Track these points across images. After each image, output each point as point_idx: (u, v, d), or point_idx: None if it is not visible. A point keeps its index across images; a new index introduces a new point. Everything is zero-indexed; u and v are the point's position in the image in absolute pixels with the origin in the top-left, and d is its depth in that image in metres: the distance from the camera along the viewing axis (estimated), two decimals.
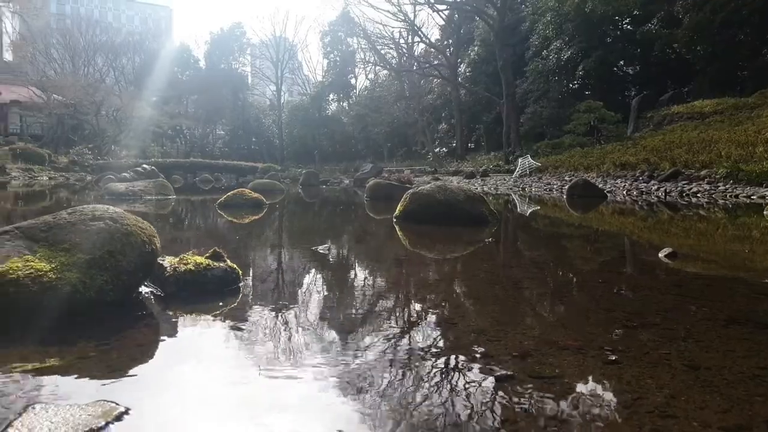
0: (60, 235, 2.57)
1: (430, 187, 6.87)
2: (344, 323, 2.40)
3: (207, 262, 2.98)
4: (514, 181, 21.57)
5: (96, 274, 2.43)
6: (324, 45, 54.41)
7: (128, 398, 1.53)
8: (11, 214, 8.95)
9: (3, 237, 2.54)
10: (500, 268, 4.00)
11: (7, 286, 2.23)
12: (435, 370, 1.79)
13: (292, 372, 1.76)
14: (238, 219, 7.63)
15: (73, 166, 30.33)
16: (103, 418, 1.40)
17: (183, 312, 2.53)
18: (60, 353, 1.96)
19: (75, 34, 48.53)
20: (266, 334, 2.22)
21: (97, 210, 2.74)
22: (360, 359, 1.90)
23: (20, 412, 1.43)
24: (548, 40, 30.03)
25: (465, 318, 2.44)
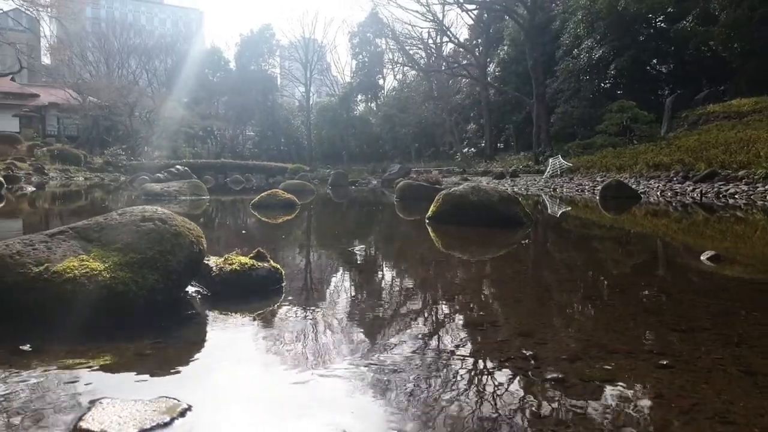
0: (112, 235, 2.65)
1: (463, 188, 6.85)
2: (389, 324, 2.42)
3: (251, 263, 3.03)
4: (544, 182, 21.35)
5: (147, 273, 2.49)
6: (352, 46, 54.59)
7: (188, 395, 1.57)
8: (52, 214, 9.21)
9: (59, 237, 2.63)
10: (539, 270, 3.97)
11: (65, 284, 2.31)
12: (485, 372, 1.80)
13: (343, 371, 1.78)
14: (272, 219, 7.72)
15: (107, 166, 30.99)
16: (167, 414, 1.44)
17: (230, 311, 2.58)
18: (117, 350, 2.02)
19: (109, 38, 49.65)
20: (315, 333, 2.25)
21: (147, 211, 2.81)
22: (407, 360, 1.91)
23: (89, 407, 1.48)
24: (579, 39, 29.60)
25: (509, 320, 2.44)
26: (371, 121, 53.04)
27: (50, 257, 2.44)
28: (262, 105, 51.22)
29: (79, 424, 1.38)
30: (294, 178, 24.89)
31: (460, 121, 43.50)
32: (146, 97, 43.02)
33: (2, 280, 2.31)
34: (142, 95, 42.72)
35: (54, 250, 2.50)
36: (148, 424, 1.39)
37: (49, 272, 2.34)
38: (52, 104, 40.39)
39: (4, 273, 2.32)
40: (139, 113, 41.56)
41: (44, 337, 2.10)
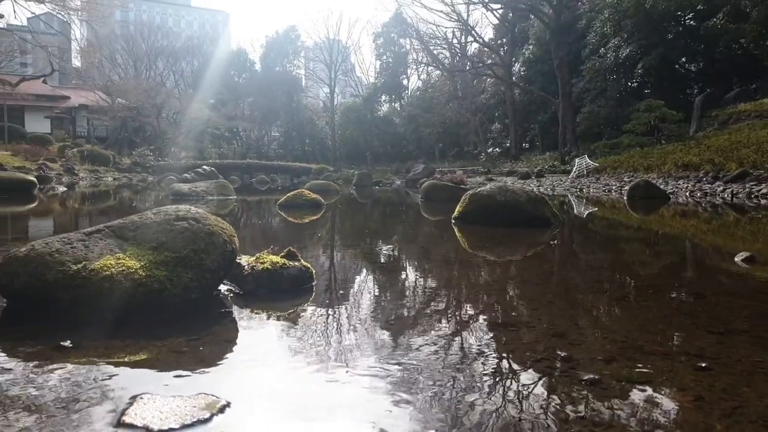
0: (147, 234, 2.70)
1: (490, 188, 6.82)
2: (420, 323, 2.42)
3: (282, 261, 3.06)
4: (571, 182, 21.13)
5: (182, 272, 2.53)
6: (377, 46, 54.68)
7: (226, 392, 1.59)
8: (83, 213, 9.40)
9: (95, 236, 2.68)
10: (569, 271, 3.94)
11: (103, 282, 2.36)
12: (521, 372, 1.79)
13: (378, 370, 1.79)
14: (298, 219, 7.78)
15: (135, 167, 31.49)
16: (207, 410, 1.47)
17: (263, 309, 2.61)
18: (154, 347, 2.06)
19: (138, 40, 50.55)
20: (348, 332, 2.26)
21: (180, 210, 2.86)
22: (441, 359, 1.91)
23: (130, 402, 1.51)
24: (606, 38, 29.22)
25: (542, 321, 2.42)
26: (395, 121, 53.07)
27: (88, 255, 2.49)
28: (287, 106, 51.60)
29: (122, 418, 1.41)
30: (318, 179, 25.05)
31: (485, 121, 43.28)
32: (173, 98, 43.69)
33: (43, 277, 2.36)
34: (170, 96, 43.40)
35: (91, 249, 2.55)
36: (188, 419, 1.41)
37: (87, 270, 2.39)
38: (82, 106, 41.24)
39: (45, 271, 2.38)
40: (167, 114, 42.21)
41: (83, 333, 2.15)
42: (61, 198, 13.23)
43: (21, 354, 1.92)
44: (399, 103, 55.95)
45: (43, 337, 2.12)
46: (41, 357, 1.90)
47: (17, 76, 33.11)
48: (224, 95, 48.48)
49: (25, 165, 22.40)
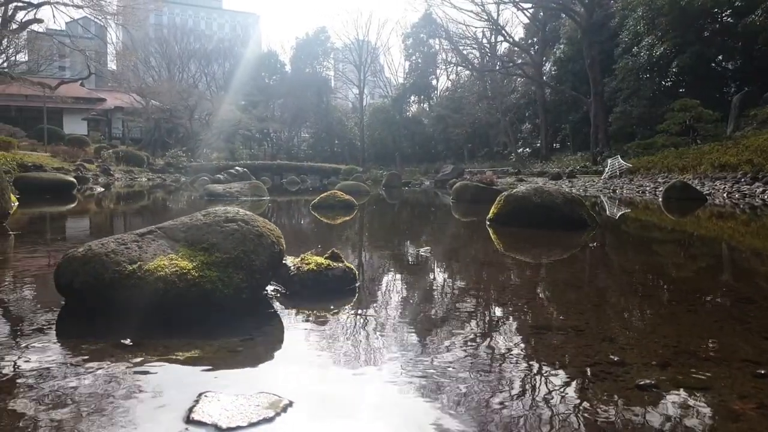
0: (198, 235, 2.76)
1: (525, 189, 6.78)
2: (468, 325, 2.44)
3: (327, 263, 3.10)
4: (603, 183, 20.84)
5: (233, 272, 2.59)
6: (406, 47, 54.65)
7: (286, 391, 1.63)
8: (125, 213, 9.62)
9: (148, 237, 2.76)
10: (612, 274, 3.90)
11: (157, 282, 2.42)
12: (576, 377, 1.79)
13: (432, 371, 1.81)
14: (332, 220, 7.84)
15: (168, 167, 32.06)
16: (271, 409, 1.50)
17: (311, 310, 2.65)
18: (210, 346, 2.11)
19: (171, 43, 51.47)
20: (398, 333, 2.28)
21: (229, 212, 2.92)
22: (492, 361, 1.92)
23: (196, 400, 1.56)
24: (639, 36, 28.71)
25: (590, 325, 2.41)
26: (424, 121, 52.98)
27: (142, 256, 2.57)
28: (317, 107, 51.92)
29: (191, 416, 1.46)
30: (348, 179, 25.18)
31: (515, 121, 42.92)
32: (205, 100, 44.36)
33: (101, 277, 2.44)
34: (202, 98, 44.07)
35: (145, 249, 2.62)
36: (254, 418, 1.45)
37: (142, 270, 2.46)
38: (117, 108, 42.16)
39: (102, 270, 2.46)
40: (199, 116, 42.86)
41: (140, 332, 2.21)
42: (99, 198, 13.56)
43: (85, 351, 1.99)
44: (428, 104, 55.84)
45: (103, 334, 2.19)
46: (105, 354, 1.96)
47: (56, 79, 33.97)
48: (255, 97, 49.02)
49: (63, 166, 22.98)
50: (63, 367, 1.82)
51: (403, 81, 56.75)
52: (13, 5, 24.73)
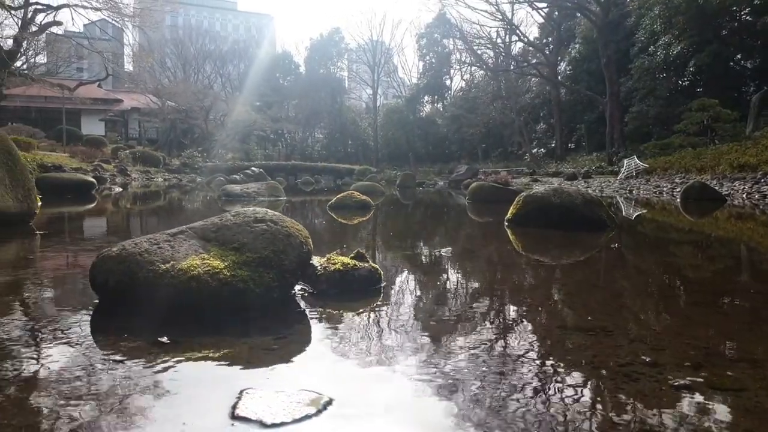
0: (228, 235, 2.81)
1: (544, 190, 6.77)
2: (495, 325, 2.46)
3: (353, 263, 3.13)
4: (619, 183, 20.70)
5: (263, 272, 2.63)
6: (420, 47, 54.69)
7: (325, 388, 1.66)
8: (147, 213, 9.74)
9: (179, 236, 2.81)
10: (635, 275, 3.90)
11: (191, 281, 2.47)
12: (609, 377, 1.80)
13: (465, 371, 1.83)
14: (349, 220, 7.89)
15: (184, 168, 32.35)
16: (313, 406, 1.54)
17: (339, 309, 2.68)
18: (245, 344, 2.15)
19: (186, 44, 51.99)
20: (428, 332, 2.30)
21: (258, 213, 2.97)
22: (522, 362, 1.94)
23: (238, 396, 1.60)
24: (656, 35, 28.48)
25: (618, 326, 2.42)
26: (438, 122, 52.96)
27: (174, 255, 2.62)
28: (331, 107, 52.10)
29: (235, 412, 1.50)
30: (362, 180, 25.27)
31: (530, 121, 42.75)
32: (220, 101, 44.69)
33: (135, 276, 2.50)
34: (217, 99, 44.43)
35: (177, 249, 2.68)
36: (297, 414, 1.48)
37: (175, 269, 2.51)
38: (134, 109, 42.62)
39: (136, 270, 2.51)
40: (214, 116, 43.18)
41: (175, 330, 2.25)
42: (118, 198, 13.72)
43: (124, 348, 2.04)
44: (442, 104, 55.82)
45: (139, 332, 2.23)
46: (144, 351, 2.01)
47: (75, 81, 34.43)
48: (270, 97, 49.32)
49: (81, 166, 23.27)
50: (105, 364, 1.87)
51: (416, 81, 56.80)
52: (32, 8, 25.07)
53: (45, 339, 2.15)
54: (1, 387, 1.66)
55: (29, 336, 2.19)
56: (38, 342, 2.12)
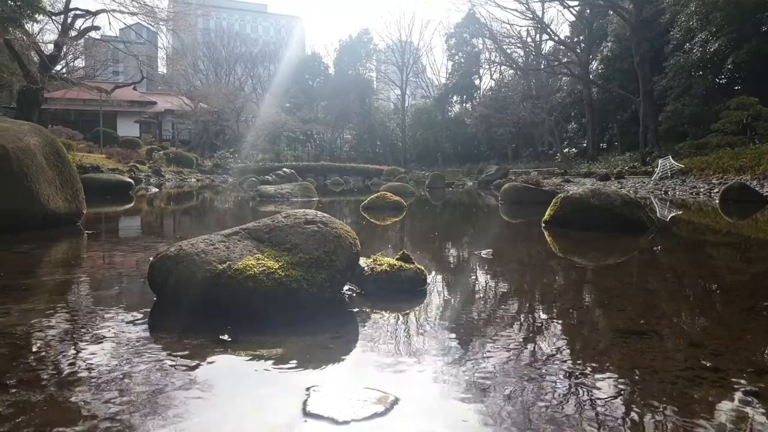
0: (280, 236, 2.87)
1: (582, 191, 6.72)
2: (547, 327, 2.47)
3: (399, 264, 3.17)
4: (654, 184, 20.33)
5: (316, 272, 2.68)
6: (449, 47, 54.57)
7: (388, 387, 1.70)
8: (188, 213, 9.93)
9: (233, 237, 2.89)
10: (682, 278, 3.85)
11: (247, 281, 2.54)
12: (670, 382, 1.80)
13: (513, 372, 1.85)
14: (383, 221, 7.93)
15: (216, 168, 32.85)
16: (380, 404, 1.58)
17: (390, 309, 2.72)
18: (303, 342, 2.20)
19: (218, 47, 52.77)
20: (482, 332, 2.33)
21: (308, 214, 3.03)
22: (579, 364, 1.95)
23: (307, 394, 1.65)
24: (692, 32, 27.90)
25: (672, 330, 2.40)
26: (466, 122, 52.74)
27: (230, 255, 2.69)
28: (359, 108, 52.29)
29: (306, 409, 1.54)
30: (390, 180, 25.32)
31: (560, 121, 42.28)
32: (251, 102, 45.24)
33: (193, 276, 2.57)
34: (248, 101, 44.98)
35: (232, 249, 2.75)
36: (366, 412, 1.52)
37: (232, 269, 2.58)
38: (167, 111, 43.45)
39: (195, 270, 2.59)
40: (245, 118, 43.74)
41: (234, 328, 2.32)
42: (155, 198, 14.02)
43: (189, 346, 2.11)
44: (470, 104, 55.58)
45: (200, 330, 2.30)
46: (208, 349, 2.08)
47: (111, 84, 35.25)
48: (299, 99, 49.76)
49: (118, 167, 23.83)
50: (174, 360, 1.94)
51: (445, 81, 56.65)
52: (72, 13, 25.76)
53: (110, 337, 2.23)
54: (81, 383, 1.73)
55: (96, 333, 2.27)
56: (105, 339, 2.20)
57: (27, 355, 1.99)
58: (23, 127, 5.92)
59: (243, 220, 3.42)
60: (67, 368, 1.86)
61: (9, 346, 2.09)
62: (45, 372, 1.82)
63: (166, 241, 5.51)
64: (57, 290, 3.15)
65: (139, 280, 3.41)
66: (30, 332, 2.27)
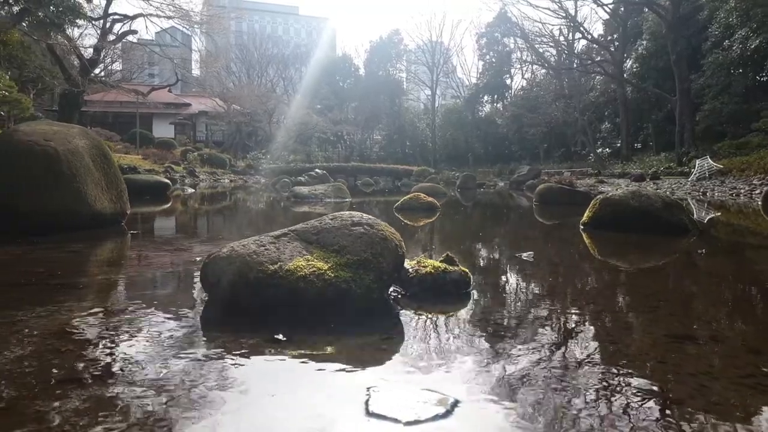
0: (328, 238, 2.92)
1: (622, 193, 6.63)
2: (594, 331, 2.46)
3: (444, 266, 3.19)
4: (691, 185, 19.90)
5: (363, 274, 2.72)
6: (480, 47, 54.24)
7: (445, 388, 1.72)
8: (225, 214, 10.10)
9: (283, 239, 2.94)
10: (731, 282, 3.78)
11: (298, 281, 2.59)
12: (729, 388, 1.78)
13: (575, 372, 1.86)
14: (417, 222, 7.94)
15: (248, 169, 33.26)
16: (441, 406, 1.60)
17: (437, 311, 2.74)
18: (355, 342, 2.24)
19: (250, 49, 53.43)
20: (530, 335, 2.32)
21: (354, 216, 3.07)
22: (636, 369, 1.95)
23: (367, 394, 1.68)
24: (731, 29, 27.18)
25: (728, 335, 2.37)
26: (497, 121, 52.33)
27: (280, 257, 2.74)
28: (389, 109, 52.33)
29: (369, 408, 1.58)
30: (421, 181, 25.30)
31: (594, 120, 41.63)
32: (283, 104, 45.67)
33: (246, 276, 2.63)
34: (280, 102, 45.43)
35: (282, 251, 2.80)
36: (429, 413, 1.55)
37: (283, 270, 2.63)
38: (201, 112, 44.17)
39: (247, 270, 2.65)
40: (277, 119, 44.19)
41: (286, 327, 2.36)
42: (191, 199, 14.27)
43: (246, 345, 2.16)
44: (501, 103, 55.17)
45: (254, 329, 2.35)
46: (264, 348, 2.13)
47: (147, 86, 36.05)
48: (330, 100, 50.06)
49: (154, 168, 24.32)
50: (234, 358, 2.00)
51: (476, 81, 56.31)
52: (110, 18, 26.41)
53: (170, 336, 2.30)
54: (145, 382, 1.80)
55: (155, 332, 2.34)
56: (166, 339, 2.26)
57: (95, 352, 2.07)
58: (72, 130, 6.11)
59: (282, 221, 3.50)
60: (133, 367, 1.92)
61: (76, 343, 2.18)
62: (114, 368, 1.89)
63: (210, 242, 5.63)
64: (112, 289, 3.25)
65: (189, 279, 3.50)
66: (92, 330, 2.36)
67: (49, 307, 2.68)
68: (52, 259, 4.15)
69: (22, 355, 2.00)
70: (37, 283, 3.27)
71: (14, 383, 1.74)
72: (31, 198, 5.37)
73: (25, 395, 1.65)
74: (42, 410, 1.55)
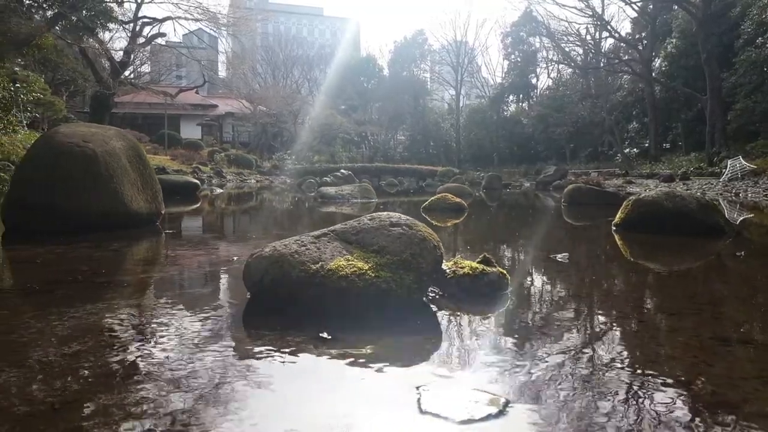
0: (367, 238, 2.95)
1: (655, 194, 6.54)
2: (635, 334, 2.44)
3: (481, 267, 3.19)
4: (722, 186, 19.52)
5: (404, 274, 2.74)
6: (505, 46, 53.85)
7: (494, 388, 1.73)
8: (254, 212, 10.21)
9: (323, 239, 2.98)
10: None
11: (340, 281, 2.62)
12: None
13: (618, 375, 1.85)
14: (445, 222, 7.93)
15: (274, 170, 33.54)
16: (493, 406, 1.61)
17: (476, 312, 2.75)
18: (399, 342, 2.27)
19: (276, 50, 53.90)
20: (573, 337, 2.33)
21: (392, 217, 3.09)
22: (682, 372, 1.93)
23: (418, 393, 1.70)
24: (765, 26, 26.61)
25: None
26: (523, 121, 51.90)
27: (321, 256, 2.78)
28: (413, 109, 52.27)
29: (421, 407, 1.60)
30: (446, 181, 25.21)
31: (621, 120, 41.05)
32: (308, 104, 45.96)
33: (289, 275, 2.68)
34: (305, 103, 45.72)
35: (323, 250, 2.84)
36: (481, 413, 1.56)
37: (325, 270, 2.67)
38: (228, 113, 44.68)
39: (290, 270, 2.69)
40: (302, 120, 44.49)
41: (329, 326, 2.38)
42: (219, 199, 14.46)
43: (292, 343, 2.20)
44: (527, 103, 54.72)
45: (299, 328, 2.38)
46: (310, 346, 2.16)
47: (175, 88, 36.61)
48: (354, 101, 50.20)
49: (182, 168, 24.70)
50: (283, 356, 2.04)
51: (501, 80, 55.92)
52: (140, 21, 26.89)
53: (217, 334, 2.36)
54: (197, 377, 1.85)
55: (202, 329, 2.40)
56: (213, 336, 2.32)
57: (147, 348, 2.13)
58: (109, 132, 6.25)
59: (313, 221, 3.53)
60: (188, 363, 1.97)
61: (128, 339, 2.24)
62: (169, 365, 1.94)
63: (244, 241, 5.70)
64: (156, 287, 3.33)
65: (228, 278, 3.56)
66: (142, 327, 2.42)
67: (99, 304, 2.76)
68: (94, 258, 4.26)
69: (80, 351, 2.06)
70: (83, 281, 3.36)
71: (77, 378, 1.79)
72: (70, 198, 5.50)
73: (91, 390, 1.70)
74: (107, 404, 1.60)
